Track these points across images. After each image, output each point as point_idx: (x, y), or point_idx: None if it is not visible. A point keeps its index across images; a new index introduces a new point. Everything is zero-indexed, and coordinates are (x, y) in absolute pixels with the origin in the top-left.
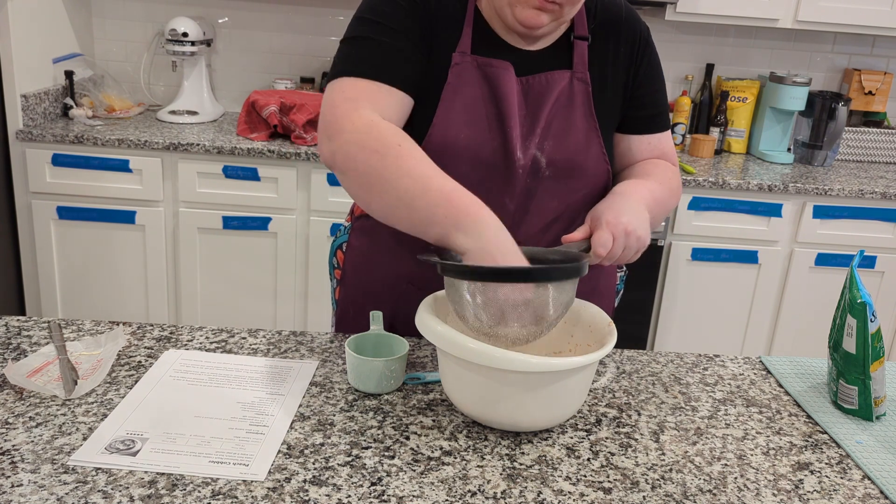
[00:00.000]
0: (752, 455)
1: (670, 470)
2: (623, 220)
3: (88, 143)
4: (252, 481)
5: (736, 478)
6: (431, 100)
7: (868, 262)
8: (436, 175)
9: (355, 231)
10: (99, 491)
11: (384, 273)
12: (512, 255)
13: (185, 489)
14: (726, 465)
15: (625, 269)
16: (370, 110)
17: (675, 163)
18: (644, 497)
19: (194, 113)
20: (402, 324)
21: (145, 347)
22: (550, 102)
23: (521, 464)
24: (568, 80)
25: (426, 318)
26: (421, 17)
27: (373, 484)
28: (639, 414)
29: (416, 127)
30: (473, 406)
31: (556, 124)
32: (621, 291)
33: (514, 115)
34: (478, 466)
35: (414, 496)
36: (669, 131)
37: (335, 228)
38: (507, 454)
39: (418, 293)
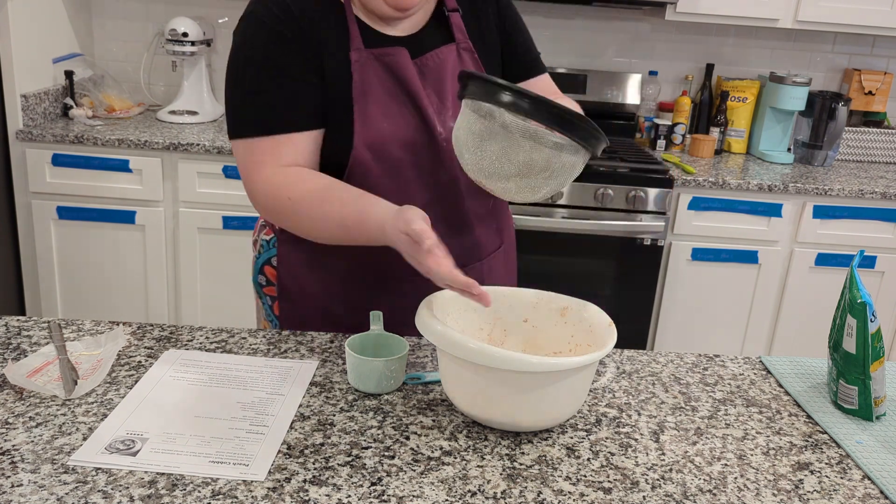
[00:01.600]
0: (752, 455)
1: (670, 470)
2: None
3: (88, 143)
4: (252, 481)
5: (736, 478)
6: (345, 102)
7: (868, 262)
8: (341, 208)
9: (283, 242)
10: (99, 491)
11: (335, 269)
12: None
13: (185, 489)
14: (726, 465)
15: None
16: (273, 166)
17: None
18: (644, 497)
19: (194, 113)
20: (367, 312)
21: (145, 347)
22: (449, 76)
23: (521, 464)
24: (455, 53)
25: (426, 318)
26: (304, 32)
27: (373, 484)
28: (639, 414)
29: (340, 130)
30: (473, 406)
31: None
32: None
33: (422, 95)
34: (478, 466)
35: (414, 496)
36: (548, 73)
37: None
38: (507, 454)
39: (377, 281)
